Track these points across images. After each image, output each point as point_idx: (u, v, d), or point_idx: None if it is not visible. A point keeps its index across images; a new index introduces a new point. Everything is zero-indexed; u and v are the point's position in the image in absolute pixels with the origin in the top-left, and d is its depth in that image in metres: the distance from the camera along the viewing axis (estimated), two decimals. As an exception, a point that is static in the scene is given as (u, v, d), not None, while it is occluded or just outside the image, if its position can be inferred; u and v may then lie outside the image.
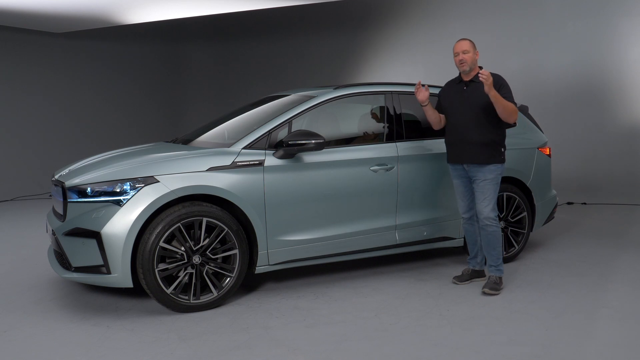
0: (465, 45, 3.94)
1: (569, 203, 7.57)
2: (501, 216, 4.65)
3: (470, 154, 3.93)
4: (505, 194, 4.66)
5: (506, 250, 4.69)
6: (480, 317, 3.47)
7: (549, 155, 5.10)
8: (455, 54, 3.94)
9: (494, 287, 3.90)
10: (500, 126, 3.95)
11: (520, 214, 4.76)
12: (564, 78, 9.23)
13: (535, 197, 4.87)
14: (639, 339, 3.12)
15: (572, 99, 9.18)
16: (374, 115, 4.59)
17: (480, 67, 3.99)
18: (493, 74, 3.94)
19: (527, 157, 4.86)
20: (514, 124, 3.95)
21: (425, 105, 4.04)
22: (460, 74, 4.05)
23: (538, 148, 4.97)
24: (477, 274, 4.21)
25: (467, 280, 4.17)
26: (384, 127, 4.40)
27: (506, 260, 4.67)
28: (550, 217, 5.16)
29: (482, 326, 3.33)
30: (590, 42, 8.96)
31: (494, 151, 3.92)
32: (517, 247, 4.75)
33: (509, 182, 4.73)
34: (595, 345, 3.07)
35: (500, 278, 3.99)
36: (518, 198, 4.72)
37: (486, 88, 3.71)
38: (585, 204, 7.54)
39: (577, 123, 9.13)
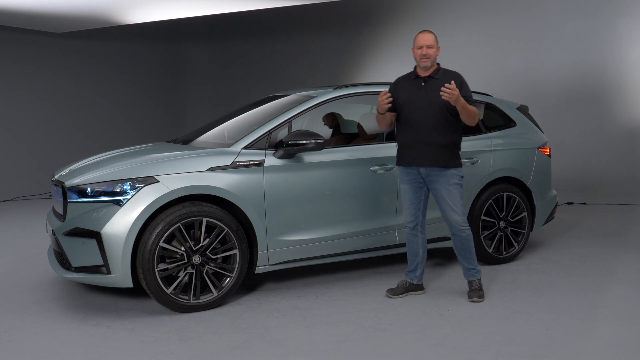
0: (430, 39, 3.61)
1: (569, 203, 7.57)
2: (501, 216, 4.66)
3: (430, 157, 3.61)
4: (505, 193, 4.66)
5: (506, 250, 4.69)
6: (480, 317, 3.47)
7: (549, 155, 5.10)
8: (418, 47, 3.61)
9: (480, 294, 3.75)
10: (459, 127, 3.70)
11: (520, 214, 4.76)
12: (564, 78, 9.22)
13: (535, 197, 4.87)
14: (638, 339, 3.12)
15: (572, 99, 9.18)
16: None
17: (438, 64, 3.71)
18: (451, 72, 3.71)
19: (527, 157, 4.86)
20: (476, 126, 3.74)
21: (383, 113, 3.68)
22: (415, 68, 3.73)
23: (538, 148, 4.97)
24: (414, 288, 3.91)
25: (402, 293, 3.87)
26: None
27: (506, 260, 4.68)
28: (550, 217, 5.16)
29: (482, 326, 3.33)
30: (590, 42, 8.95)
31: (452, 153, 3.66)
32: (517, 247, 4.75)
33: (509, 182, 4.73)
34: (595, 345, 3.07)
35: (480, 280, 3.82)
36: (518, 198, 4.72)
37: (453, 102, 3.44)
38: (585, 204, 7.54)
39: (577, 123, 9.12)
